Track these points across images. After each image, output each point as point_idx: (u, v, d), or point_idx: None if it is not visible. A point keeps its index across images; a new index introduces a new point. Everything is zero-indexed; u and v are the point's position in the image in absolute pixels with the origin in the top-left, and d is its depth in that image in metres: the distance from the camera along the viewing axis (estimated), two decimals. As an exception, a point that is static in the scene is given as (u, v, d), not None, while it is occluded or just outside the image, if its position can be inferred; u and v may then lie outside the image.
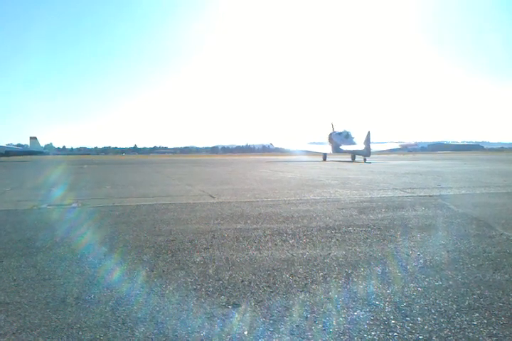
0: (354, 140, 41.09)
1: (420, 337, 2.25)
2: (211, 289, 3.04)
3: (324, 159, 40.35)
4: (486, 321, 2.43)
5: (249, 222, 5.76)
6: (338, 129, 44.27)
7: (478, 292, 2.91)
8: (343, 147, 40.65)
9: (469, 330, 2.32)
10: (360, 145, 37.63)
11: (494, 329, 2.33)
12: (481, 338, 2.23)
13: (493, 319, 2.46)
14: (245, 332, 2.34)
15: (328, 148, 43.05)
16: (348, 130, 43.10)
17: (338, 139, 42.50)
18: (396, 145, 47.18)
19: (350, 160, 38.20)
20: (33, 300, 2.86)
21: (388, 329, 2.34)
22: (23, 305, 2.78)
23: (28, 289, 3.09)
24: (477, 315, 2.52)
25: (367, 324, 2.42)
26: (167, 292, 3.00)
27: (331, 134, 44.38)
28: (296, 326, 2.41)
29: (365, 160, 35.24)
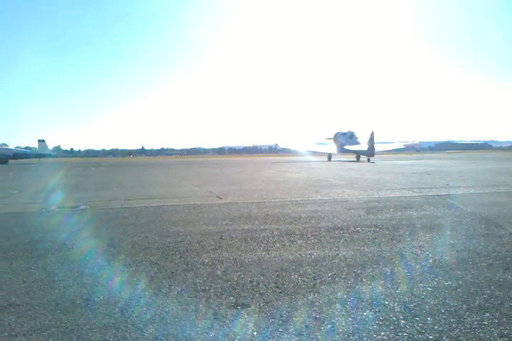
0: (358, 140, 41.22)
1: (430, 337, 2.24)
2: (220, 290, 3.05)
3: (329, 159, 40.42)
4: (496, 321, 2.41)
5: (257, 222, 5.76)
6: (343, 129, 44.37)
7: (489, 292, 2.89)
8: (348, 147, 40.77)
9: (480, 330, 2.30)
10: (364, 146, 37.74)
11: (505, 329, 2.31)
12: (492, 338, 2.21)
13: (504, 319, 2.44)
14: (254, 333, 2.34)
15: (333, 148, 43.15)
16: (352, 130, 43.20)
17: (343, 139, 42.62)
18: (400, 145, 47.39)
19: (354, 160, 38.20)
20: (43, 302, 2.87)
21: (398, 330, 2.33)
22: (33, 306, 2.80)
23: (38, 291, 3.11)
24: (488, 314, 2.50)
25: (376, 324, 2.41)
26: (176, 293, 3.00)
27: (336, 134, 44.52)
28: (305, 326, 2.40)
29: (368, 160, 35.30)
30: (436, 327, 2.36)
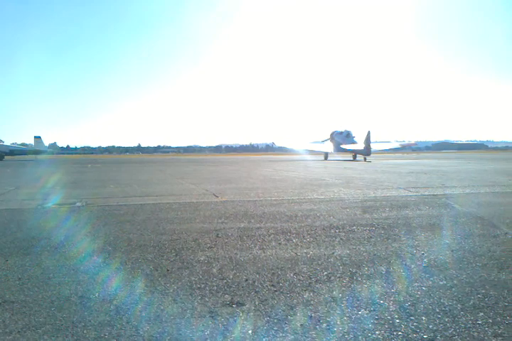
0: (355, 139, 41.32)
1: (425, 336, 2.25)
2: (215, 288, 3.05)
3: (326, 158, 40.53)
4: (491, 320, 2.42)
5: (253, 221, 5.76)
6: (339, 129, 44.47)
7: (483, 291, 2.90)
8: (344, 146, 40.85)
9: (474, 330, 2.31)
10: (360, 145, 37.86)
11: (499, 328, 2.32)
12: (486, 338, 2.22)
13: (499, 318, 2.45)
14: (249, 331, 2.34)
15: (329, 147, 43.20)
16: (348, 129, 43.29)
17: (339, 138, 42.71)
18: (397, 145, 47.60)
19: (351, 159, 38.30)
20: (37, 299, 2.87)
21: (393, 329, 2.33)
22: (28, 303, 2.79)
23: (33, 288, 3.10)
24: (482, 314, 2.51)
25: (371, 323, 2.41)
26: (171, 291, 3.00)
27: (332, 133, 44.61)
28: (301, 325, 2.41)
29: (365, 159, 35.44)
30: (430, 326, 2.36)
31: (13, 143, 55.50)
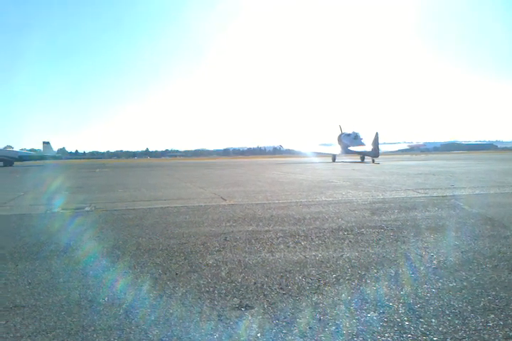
0: (363, 141, 41.20)
1: (435, 338, 2.23)
2: (224, 291, 3.05)
3: (333, 160, 40.44)
4: (501, 322, 2.40)
5: (261, 224, 5.76)
6: (347, 131, 44.38)
7: (494, 293, 2.88)
8: (352, 148, 40.75)
9: (485, 332, 2.29)
10: (368, 146, 37.74)
11: (510, 330, 2.30)
12: (496, 340, 2.20)
13: (509, 320, 2.43)
14: (258, 334, 2.34)
15: (337, 150, 43.13)
16: (356, 131, 43.20)
17: (347, 140, 42.60)
18: (405, 146, 47.56)
19: (359, 161, 38.22)
20: (47, 303, 2.89)
21: (402, 331, 2.32)
22: (38, 308, 2.81)
23: (43, 292, 3.12)
24: (492, 316, 2.49)
25: (380, 326, 2.40)
26: (180, 294, 3.01)
27: (340, 136, 44.52)
28: (309, 328, 2.40)
29: (373, 160, 35.33)
30: (440, 328, 2.35)
31: (22, 149, 56.00)
